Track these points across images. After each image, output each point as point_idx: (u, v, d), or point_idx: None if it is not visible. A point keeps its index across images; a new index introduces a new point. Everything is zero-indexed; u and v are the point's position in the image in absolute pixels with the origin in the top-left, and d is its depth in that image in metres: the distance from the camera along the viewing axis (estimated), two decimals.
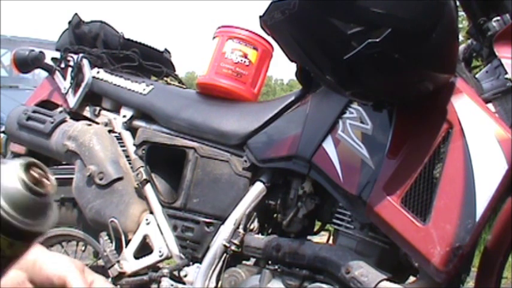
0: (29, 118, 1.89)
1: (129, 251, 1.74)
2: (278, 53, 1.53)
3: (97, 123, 1.90)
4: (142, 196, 1.78)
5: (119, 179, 1.77)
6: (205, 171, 1.70)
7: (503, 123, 1.32)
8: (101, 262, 1.83)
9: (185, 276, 1.67)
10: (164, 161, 1.81)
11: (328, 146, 1.49)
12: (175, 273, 1.68)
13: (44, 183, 0.52)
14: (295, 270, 1.52)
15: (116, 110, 1.91)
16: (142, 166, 1.78)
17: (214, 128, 1.72)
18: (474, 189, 1.28)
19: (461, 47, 1.50)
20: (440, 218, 1.30)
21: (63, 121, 1.87)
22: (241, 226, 1.62)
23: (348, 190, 1.43)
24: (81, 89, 1.93)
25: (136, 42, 2.03)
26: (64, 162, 2.01)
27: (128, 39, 2.01)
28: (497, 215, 1.46)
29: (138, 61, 1.97)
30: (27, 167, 0.52)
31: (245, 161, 1.66)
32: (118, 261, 1.73)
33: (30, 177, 0.52)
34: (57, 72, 1.99)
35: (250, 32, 1.78)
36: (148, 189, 1.77)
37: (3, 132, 1.99)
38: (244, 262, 1.68)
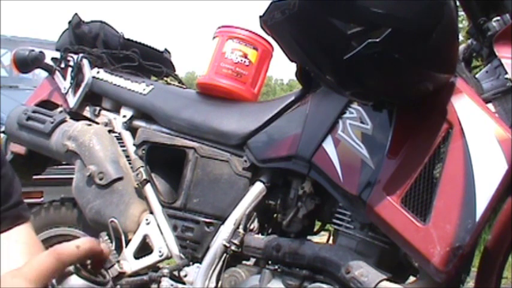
0: (29, 118, 1.89)
1: (129, 251, 1.74)
2: (278, 53, 1.53)
3: (97, 123, 1.90)
4: (142, 196, 1.78)
5: (119, 179, 1.77)
6: (205, 171, 1.70)
7: (503, 123, 1.32)
8: None
9: (185, 276, 1.67)
10: (164, 161, 1.81)
11: (328, 146, 1.49)
12: (175, 273, 1.68)
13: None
14: (295, 270, 1.52)
15: (116, 110, 1.91)
16: (142, 166, 1.78)
17: (214, 128, 1.72)
18: (474, 189, 1.28)
19: (461, 47, 1.50)
20: (440, 218, 1.30)
21: (63, 121, 1.87)
22: (241, 226, 1.62)
23: (348, 190, 1.43)
24: (81, 89, 1.93)
25: (136, 42, 2.03)
26: (64, 162, 2.01)
27: (128, 39, 2.02)
28: (497, 215, 1.46)
29: (138, 61, 1.97)
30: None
31: (245, 161, 1.66)
32: (118, 261, 1.73)
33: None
34: (57, 72, 1.99)
35: (250, 32, 1.78)
36: (148, 189, 1.77)
37: (3, 132, 1.99)
38: (244, 262, 1.68)
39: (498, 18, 1.38)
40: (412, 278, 1.47)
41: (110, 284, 0.67)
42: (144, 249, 1.75)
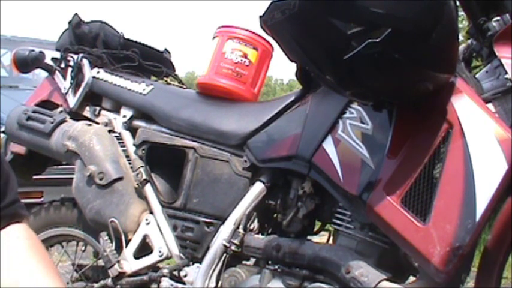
0: (29, 118, 1.89)
1: (129, 251, 1.74)
2: (278, 53, 1.53)
3: (97, 123, 1.90)
4: (142, 196, 1.78)
5: (119, 179, 1.77)
6: (205, 171, 1.70)
7: (503, 123, 1.32)
8: (101, 262, 1.83)
9: (185, 276, 1.67)
10: (164, 161, 1.81)
11: (328, 146, 1.49)
12: (175, 273, 1.68)
13: None
14: (295, 270, 1.52)
15: (116, 110, 1.91)
16: (142, 166, 1.78)
17: (214, 128, 1.72)
18: (474, 189, 1.28)
19: (461, 47, 1.50)
20: (440, 218, 1.30)
21: (63, 121, 1.86)
22: (241, 226, 1.62)
23: (348, 190, 1.43)
24: (81, 89, 1.93)
25: (136, 42, 2.03)
26: (64, 162, 2.01)
27: (128, 39, 2.01)
28: (497, 215, 1.46)
29: (138, 61, 1.97)
30: None
31: (245, 161, 1.66)
32: (118, 261, 1.73)
33: None
34: (57, 72, 1.99)
35: (250, 32, 1.78)
36: (148, 189, 1.77)
37: (3, 132, 1.99)
38: (244, 262, 1.68)
39: (498, 18, 1.38)
40: (412, 278, 1.47)
41: None
42: (144, 249, 1.75)
